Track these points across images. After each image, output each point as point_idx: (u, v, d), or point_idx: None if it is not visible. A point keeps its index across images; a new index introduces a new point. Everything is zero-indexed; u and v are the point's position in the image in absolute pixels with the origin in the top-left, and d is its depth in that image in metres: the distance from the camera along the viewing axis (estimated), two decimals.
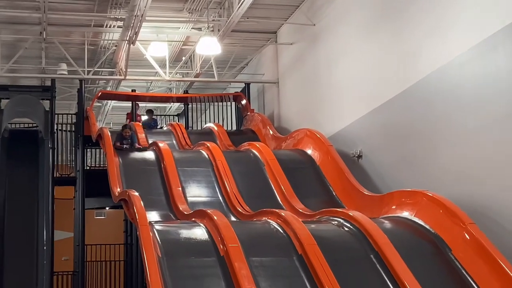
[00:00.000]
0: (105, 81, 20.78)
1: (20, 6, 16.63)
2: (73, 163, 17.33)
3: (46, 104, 17.22)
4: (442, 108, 11.28)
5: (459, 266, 8.87)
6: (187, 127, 19.92)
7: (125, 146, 15.13)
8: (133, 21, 15.93)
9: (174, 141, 17.82)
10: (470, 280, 8.61)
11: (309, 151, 14.51)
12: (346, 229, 9.79)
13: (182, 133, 18.23)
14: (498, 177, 9.80)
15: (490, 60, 10.03)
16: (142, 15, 15.30)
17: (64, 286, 17.91)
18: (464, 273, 8.75)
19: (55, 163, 16.45)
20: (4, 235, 14.52)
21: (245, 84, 20.20)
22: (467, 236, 8.94)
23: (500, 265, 8.22)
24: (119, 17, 17.23)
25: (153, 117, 20.17)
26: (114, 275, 18.79)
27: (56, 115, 17.32)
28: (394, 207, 10.63)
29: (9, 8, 16.50)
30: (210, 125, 18.98)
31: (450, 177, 10.85)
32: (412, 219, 10.04)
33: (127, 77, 19.27)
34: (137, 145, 15.36)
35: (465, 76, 10.68)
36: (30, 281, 13.93)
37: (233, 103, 20.48)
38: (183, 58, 19.97)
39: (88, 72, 18.84)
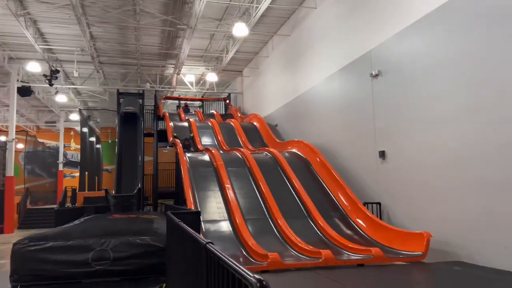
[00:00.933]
0: (166, 91, 20.60)
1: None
2: (152, 127, 17.19)
3: (140, 101, 17.45)
4: (312, 106, 11.86)
5: (315, 172, 9.51)
6: (203, 111, 19.23)
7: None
8: (178, 65, 16.53)
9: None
10: (320, 179, 9.18)
11: (255, 123, 14.73)
12: (268, 155, 10.41)
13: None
14: (333, 135, 10.85)
15: (331, 86, 10.71)
16: (183, 62, 16.02)
17: (148, 182, 17.34)
18: (317, 175, 9.36)
19: (144, 127, 16.37)
20: (122, 158, 15.21)
21: (228, 93, 19.97)
22: (318, 160, 9.69)
23: (331, 173, 9.03)
24: (172, 62, 17.68)
25: (188, 107, 19.44)
26: (171, 176, 18.31)
27: (144, 106, 17.34)
28: (289, 147, 11.23)
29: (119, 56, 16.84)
30: (213, 111, 18.63)
31: (314, 134, 11.35)
32: (296, 152, 10.66)
33: (176, 90, 19.89)
34: (192, 149, 12.25)
35: (320, 93, 11.34)
36: (134, 179, 14.53)
37: (223, 102, 20.06)
38: (200, 81, 19.90)
39: (159, 87, 19.40)
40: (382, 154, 8.24)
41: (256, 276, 1.23)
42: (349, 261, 5.93)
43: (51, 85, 15.38)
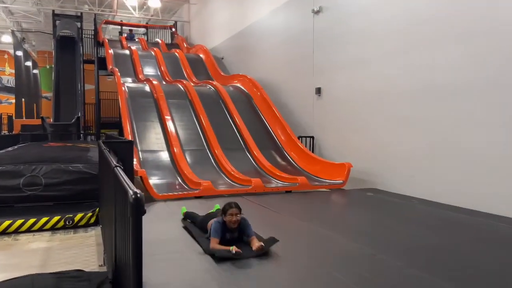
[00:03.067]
0: (107, 16, 19.41)
1: None
2: (93, 53, 16.22)
3: (79, 24, 16.32)
4: (256, 40, 11.79)
5: (256, 107, 9.63)
6: (147, 40, 18.55)
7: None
8: None
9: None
10: (260, 114, 9.37)
11: (201, 55, 14.30)
12: (212, 89, 10.29)
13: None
14: (276, 70, 10.91)
15: (276, 20, 10.71)
16: None
17: (90, 111, 16.79)
18: (258, 110, 9.52)
19: (83, 53, 15.63)
20: (60, 85, 14.60)
21: (175, 21, 19.17)
22: (257, 93, 9.85)
23: (271, 108, 9.23)
24: None
25: (133, 34, 18.02)
26: (115, 106, 16.86)
27: (83, 30, 16.28)
28: (234, 81, 11.14)
29: None
30: (158, 40, 17.71)
31: (258, 69, 11.41)
32: (240, 86, 10.64)
33: (117, 14, 18.64)
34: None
35: (265, 27, 11.28)
36: (73, 107, 14.10)
37: (169, 30, 19.19)
38: (144, 7, 18.93)
39: (99, 10, 18.19)
40: (318, 91, 8.57)
41: (134, 189, 1.41)
42: (276, 188, 6.40)
43: None
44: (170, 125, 8.33)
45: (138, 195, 1.39)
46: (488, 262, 3.17)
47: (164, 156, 7.69)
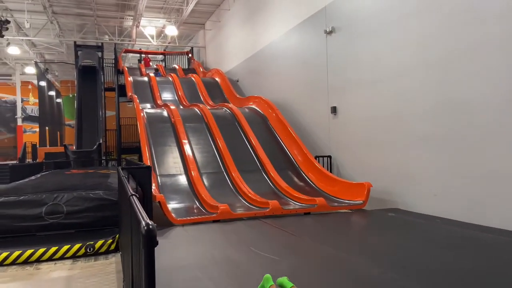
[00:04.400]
0: (126, 45, 19.91)
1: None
2: (113, 81, 16.56)
3: (99, 54, 16.77)
4: (270, 61, 11.92)
5: (272, 128, 9.64)
6: (165, 66, 19.07)
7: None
8: (137, 17, 15.82)
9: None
10: (276, 135, 9.35)
11: (217, 79, 14.56)
12: (227, 111, 10.38)
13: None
14: (290, 91, 10.96)
15: (289, 41, 10.83)
16: (141, 14, 15.40)
17: (112, 137, 17.18)
18: (273, 131, 9.52)
19: (104, 81, 15.94)
20: (82, 113, 14.95)
21: (191, 47, 19.53)
22: (274, 115, 9.82)
23: (287, 129, 9.24)
24: (131, 14, 17.02)
25: (158, 72, 18.51)
26: (135, 131, 17.24)
27: (104, 59, 16.69)
28: (249, 103, 11.29)
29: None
30: (175, 66, 18.02)
31: (272, 90, 11.53)
32: (255, 108, 10.74)
33: (136, 43, 19.19)
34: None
35: (279, 49, 11.41)
36: (95, 134, 14.36)
37: (186, 56, 19.56)
38: (161, 35, 19.36)
39: (118, 40, 18.73)
40: (334, 110, 8.52)
41: (146, 221, 1.40)
42: (294, 210, 6.31)
43: (1, 36, 14.50)
44: (187, 148, 8.40)
45: (151, 226, 1.39)
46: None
47: (182, 179, 7.72)
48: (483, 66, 5.24)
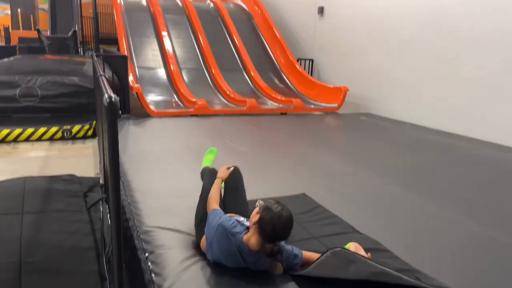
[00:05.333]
0: None
1: None
2: None
3: None
4: None
5: (256, 27, 9.16)
6: None
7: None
8: None
9: None
10: (259, 33, 8.95)
11: None
12: (211, 5, 9.68)
13: None
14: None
15: None
16: None
17: (88, 26, 15.94)
18: (258, 30, 9.07)
19: None
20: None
21: None
22: (259, 12, 9.34)
23: (272, 29, 8.71)
24: None
25: None
26: (112, 21, 15.59)
27: None
28: None
29: None
30: None
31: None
32: (240, 3, 9.93)
33: None
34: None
35: None
36: (70, 20, 13.42)
37: None
38: None
39: None
40: (321, 10, 8.20)
41: (109, 94, 1.40)
42: (271, 110, 6.41)
43: None
44: (167, 42, 8.08)
45: (113, 99, 1.39)
46: (459, 180, 3.29)
47: (161, 73, 7.59)
48: None
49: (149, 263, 1.91)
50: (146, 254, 2.00)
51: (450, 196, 2.96)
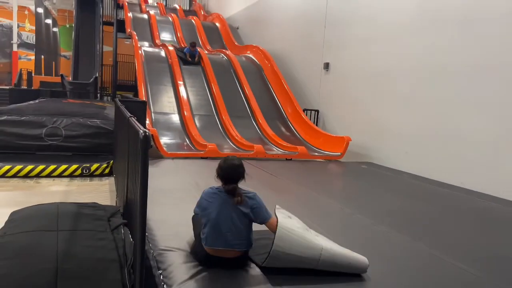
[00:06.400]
0: None
1: None
2: (112, 15, 15.97)
3: None
4: (271, 11, 11.94)
5: (266, 78, 9.89)
6: (166, 5, 18.15)
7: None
8: None
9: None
10: (269, 85, 9.63)
11: (217, 24, 14.40)
12: (225, 58, 10.54)
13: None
14: (287, 43, 11.10)
15: None
16: None
17: (107, 73, 17.16)
18: (267, 81, 9.79)
19: (103, 14, 15.58)
20: (80, 45, 14.86)
21: None
22: (268, 65, 10.08)
23: (280, 80, 9.44)
24: None
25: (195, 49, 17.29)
26: (132, 69, 17.06)
27: None
28: (248, 52, 11.32)
29: None
30: (176, 6, 17.80)
31: (270, 41, 11.45)
32: (251, 57, 10.89)
33: None
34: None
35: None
36: (91, 67, 14.49)
37: None
38: None
39: None
40: (326, 66, 8.81)
41: (143, 129, 1.81)
42: (276, 155, 6.80)
43: None
44: (182, 90, 8.70)
45: (147, 133, 1.79)
46: (449, 225, 3.56)
47: (175, 118, 8.11)
48: (466, 33, 5.53)
49: (162, 277, 2.24)
50: (160, 271, 2.33)
51: (429, 234, 3.23)
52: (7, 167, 5.34)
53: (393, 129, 6.78)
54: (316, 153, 7.23)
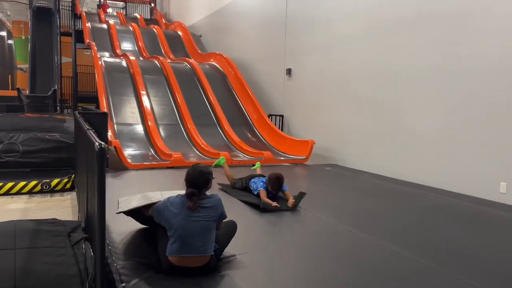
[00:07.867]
0: None
1: None
2: (70, 25, 15.85)
3: None
4: (233, 19, 12.03)
5: (230, 85, 9.99)
6: (126, 14, 18.21)
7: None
8: None
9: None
10: (234, 92, 9.74)
11: (179, 32, 14.41)
12: (188, 66, 10.52)
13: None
14: (250, 50, 11.21)
15: (252, 0, 11.02)
16: None
17: (67, 85, 16.81)
18: (231, 88, 9.89)
19: (60, 25, 15.15)
20: (36, 57, 14.38)
21: None
22: (232, 72, 10.19)
23: (244, 87, 9.60)
24: None
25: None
26: (93, 80, 16.63)
27: (60, 1, 15.64)
28: (212, 59, 11.37)
29: None
30: (136, 15, 17.49)
31: (234, 49, 11.64)
32: (215, 64, 10.94)
33: None
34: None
35: (242, 7, 11.53)
36: (50, 80, 13.89)
37: (148, 5, 19.17)
38: None
39: None
40: (289, 72, 8.99)
41: (99, 142, 1.82)
42: (243, 161, 6.86)
43: None
44: (145, 100, 8.62)
45: (103, 145, 1.80)
46: (410, 221, 3.75)
47: (139, 129, 8.02)
48: (421, 38, 5.82)
49: None
50: (123, 284, 2.32)
51: (391, 232, 3.39)
52: None
53: (354, 131, 7.01)
54: (282, 158, 7.35)
